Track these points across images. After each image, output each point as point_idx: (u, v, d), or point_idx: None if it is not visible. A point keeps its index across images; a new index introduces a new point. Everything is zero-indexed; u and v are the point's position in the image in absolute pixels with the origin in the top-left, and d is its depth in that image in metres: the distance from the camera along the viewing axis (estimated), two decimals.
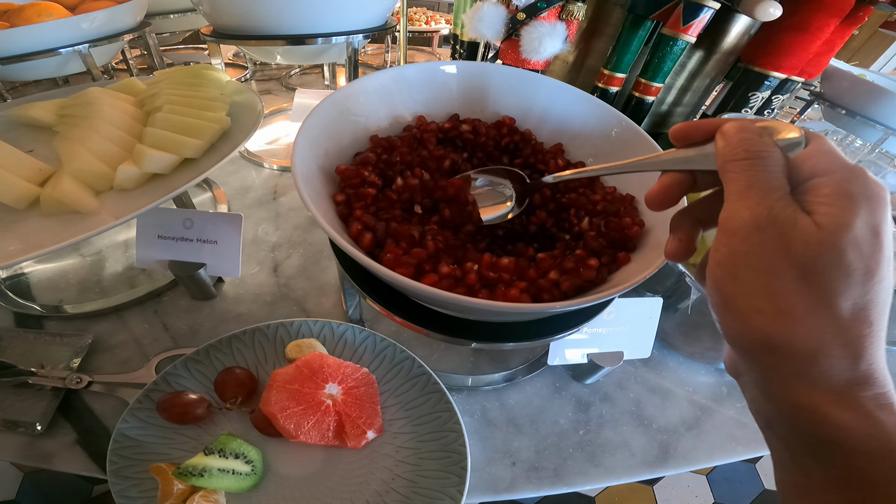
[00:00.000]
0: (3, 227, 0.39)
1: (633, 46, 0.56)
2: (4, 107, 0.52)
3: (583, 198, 0.43)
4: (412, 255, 0.33)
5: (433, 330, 0.36)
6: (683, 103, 0.68)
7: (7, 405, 0.44)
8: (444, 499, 0.37)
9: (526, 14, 0.57)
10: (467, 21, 0.61)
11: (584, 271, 0.35)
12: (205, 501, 0.36)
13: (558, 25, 0.55)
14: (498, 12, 0.59)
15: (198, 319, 0.51)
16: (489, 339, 0.36)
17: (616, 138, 0.46)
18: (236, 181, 0.72)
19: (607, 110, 0.47)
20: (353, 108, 0.43)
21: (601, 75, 0.59)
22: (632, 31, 0.55)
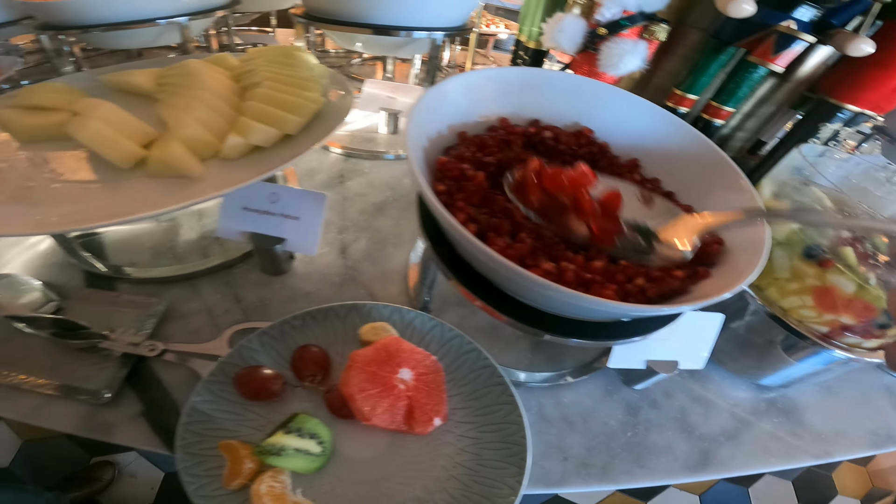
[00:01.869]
0: (110, 185, 0.42)
1: (710, 70, 0.59)
2: (101, 72, 0.56)
3: None
4: (514, 248, 0.36)
5: (519, 320, 0.39)
6: (745, 128, 0.71)
7: (70, 370, 0.45)
8: (502, 488, 0.39)
9: (607, 30, 0.60)
10: (547, 30, 0.64)
11: (670, 280, 0.38)
12: (273, 481, 0.37)
13: (640, 44, 0.58)
14: (578, 25, 0.62)
15: (268, 294, 0.53)
16: (568, 334, 0.39)
17: (695, 160, 0.48)
18: (303, 163, 0.76)
19: (690, 132, 0.49)
20: (450, 102, 0.46)
21: (672, 95, 0.63)
22: (712, 55, 0.58)
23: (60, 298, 0.50)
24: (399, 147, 0.83)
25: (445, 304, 0.56)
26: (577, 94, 0.53)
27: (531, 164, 0.40)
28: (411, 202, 0.72)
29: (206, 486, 0.37)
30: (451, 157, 0.44)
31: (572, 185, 0.38)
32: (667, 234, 0.38)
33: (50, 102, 0.48)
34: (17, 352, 0.46)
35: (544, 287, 0.31)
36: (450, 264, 0.41)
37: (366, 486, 0.39)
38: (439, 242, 0.42)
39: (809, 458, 0.50)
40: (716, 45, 0.57)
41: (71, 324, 0.46)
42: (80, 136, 0.41)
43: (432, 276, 0.47)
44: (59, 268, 0.54)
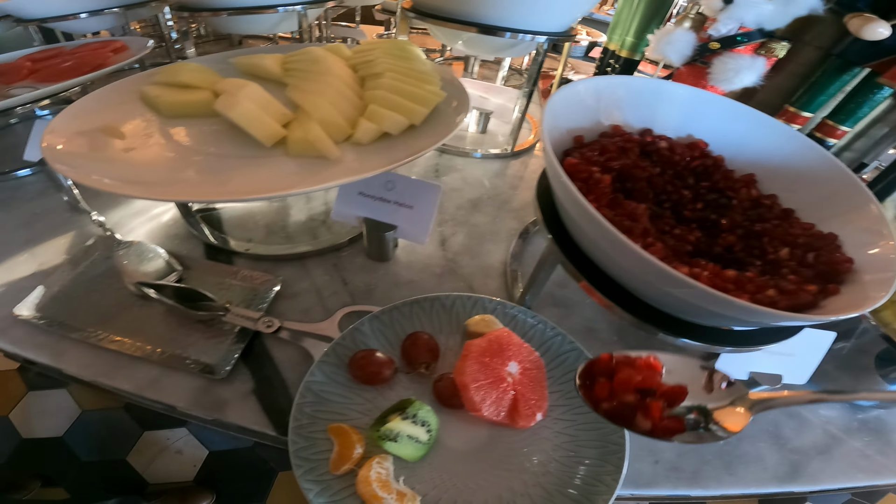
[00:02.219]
0: (253, 161, 0.46)
1: (831, 89, 0.58)
2: (230, 55, 0.60)
3: (780, 229, 0.46)
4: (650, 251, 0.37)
5: (643, 320, 0.39)
6: (853, 148, 0.68)
7: (189, 342, 0.47)
8: (598, 486, 0.40)
9: (720, 44, 0.61)
10: (653, 41, 0.65)
11: (803, 294, 0.37)
12: (379, 468, 0.37)
13: (759, 60, 0.58)
14: (688, 38, 0.62)
15: (374, 279, 0.56)
16: (689, 336, 0.40)
17: (819, 179, 0.48)
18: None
19: (816, 150, 0.48)
20: (575, 104, 0.48)
21: (784, 111, 0.62)
22: (835, 75, 0.57)
23: (183, 269, 0.54)
24: (487, 146, 0.85)
25: (543, 304, 0.57)
26: (692, 107, 0.53)
27: (602, 360, 0.38)
28: (505, 201, 0.74)
29: (315, 469, 0.38)
30: (579, 160, 0.45)
31: (642, 383, 0.37)
32: (723, 416, 0.37)
33: (193, 81, 0.52)
34: (137, 321, 0.50)
35: (689, 288, 0.31)
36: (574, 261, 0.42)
37: (463, 478, 0.40)
38: (562, 239, 0.43)
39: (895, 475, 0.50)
40: (840, 64, 0.56)
41: (196, 294, 0.49)
42: (232, 113, 0.44)
43: (545, 275, 0.48)
44: (180, 239, 0.58)
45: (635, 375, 0.37)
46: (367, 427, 0.41)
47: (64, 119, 0.47)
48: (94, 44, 0.78)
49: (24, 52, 0.78)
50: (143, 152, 0.45)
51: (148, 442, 1.31)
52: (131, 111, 0.51)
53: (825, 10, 0.55)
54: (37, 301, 0.50)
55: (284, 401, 0.45)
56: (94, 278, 0.54)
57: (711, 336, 0.40)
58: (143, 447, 1.30)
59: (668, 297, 0.38)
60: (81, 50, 0.75)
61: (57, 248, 0.57)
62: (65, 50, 0.77)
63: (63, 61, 0.72)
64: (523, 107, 0.78)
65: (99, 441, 1.30)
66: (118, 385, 0.45)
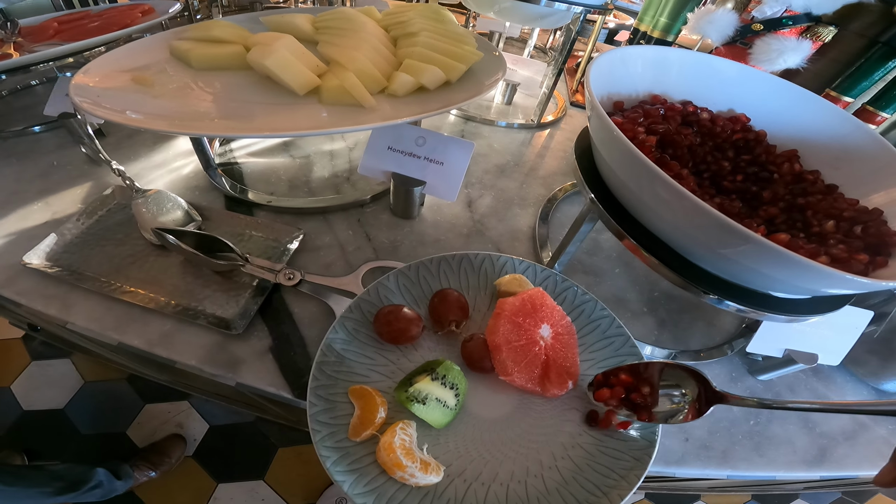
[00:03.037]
0: (286, 108, 0.44)
1: (875, 75, 0.57)
2: (260, 15, 0.59)
3: (824, 203, 0.44)
4: None
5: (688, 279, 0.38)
6: (889, 136, 0.67)
7: (205, 295, 0.45)
8: (629, 461, 0.38)
9: (764, 26, 0.59)
10: (693, 20, 0.63)
11: (854, 264, 0.36)
12: (403, 434, 0.34)
13: (804, 43, 0.57)
14: (730, 18, 0.61)
15: (398, 236, 0.54)
16: (733, 298, 0.38)
17: (864, 157, 0.46)
18: (426, 121, 0.76)
19: (861, 128, 0.47)
20: (620, 69, 0.46)
21: (826, 95, 0.60)
22: (879, 62, 0.56)
23: (202, 219, 0.52)
24: (512, 118, 0.84)
25: (572, 270, 0.55)
26: (738, 83, 0.52)
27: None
28: (533, 168, 0.73)
29: (333, 435, 0.35)
30: (624, 120, 0.43)
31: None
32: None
33: (226, 35, 0.50)
34: (153, 271, 0.48)
35: (751, 243, 0.30)
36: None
37: (490, 448, 0.38)
38: (602, 199, 0.41)
39: None
40: (886, 51, 0.55)
41: (215, 242, 0.47)
42: (268, 61, 0.43)
43: (580, 236, 0.46)
44: (201, 191, 0.56)
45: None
46: (390, 390, 0.39)
47: (95, 65, 0.46)
48: (121, 6, 0.76)
49: (50, 15, 0.77)
50: (171, 97, 0.44)
51: (149, 415, 1.29)
52: (160, 63, 0.50)
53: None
54: (48, 249, 0.49)
55: (303, 360, 0.43)
56: (110, 227, 0.52)
57: (757, 301, 0.38)
58: (143, 420, 1.28)
59: (717, 255, 0.36)
60: (109, 12, 0.74)
61: (73, 197, 0.56)
62: (91, 13, 0.75)
63: (90, 22, 0.71)
64: (552, 82, 0.76)
65: (100, 414, 1.29)
66: (128, 340, 0.42)
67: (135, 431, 1.26)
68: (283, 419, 1.02)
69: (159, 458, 1.17)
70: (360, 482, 0.34)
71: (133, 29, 0.65)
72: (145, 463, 1.14)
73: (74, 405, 1.29)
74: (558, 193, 0.67)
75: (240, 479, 1.21)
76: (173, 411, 1.31)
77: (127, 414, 1.29)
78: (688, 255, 0.38)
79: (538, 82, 0.84)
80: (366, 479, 0.34)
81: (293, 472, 1.23)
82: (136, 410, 1.30)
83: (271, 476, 1.21)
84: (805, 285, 0.35)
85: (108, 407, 1.30)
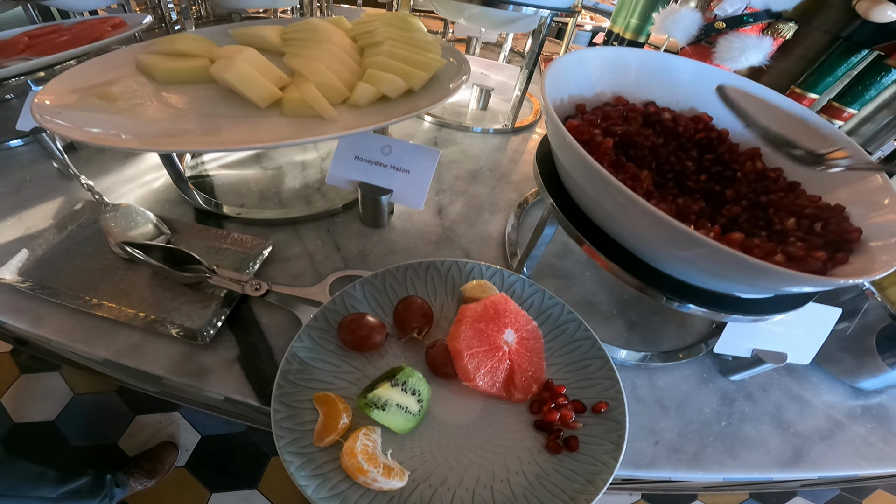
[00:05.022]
0: (248, 121, 0.44)
1: (838, 71, 0.57)
2: (229, 27, 0.59)
3: (785, 200, 0.44)
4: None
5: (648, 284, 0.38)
6: (860, 133, 0.68)
7: (173, 307, 0.45)
8: (597, 465, 0.38)
9: (726, 24, 0.59)
10: (658, 20, 0.64)
11: (812, 261, 0.36)
12: (366, 439, 0.35)
13: (765, 40, 0.57)
14: (694, 17, 0.61)
15: (367, 245, 0.54)
16: (693, 301, 0.38)
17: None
18: (398, 129, 0.78)
19: (822, 124, 0.48)
20: (578, 72, 0.46)
21: (790, 93, 0.61)
22: (842, 57, 0.56)
23: (171, 233, 0.52)
24: (488, 123, 0.84)
25: (541, 275, 0.55)
26: (698, 81, 0.52)
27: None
28: (504, 173, 0.73)
29: (297, 441, 0.36)
30: (581, 122, 0.43)
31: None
32: None
33: (190, 49, 0.50)
34: (122, 284, 0.48)
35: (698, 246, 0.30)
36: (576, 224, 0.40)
37: (455, 453, 0.38)
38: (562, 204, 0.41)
39: None
40: (848, 46, 0.55)
41: (183, 255, 0.47)
42: (228, 75, 0.43)
43: (544, 241, 0.46)
44: (171, 204, 0.56)
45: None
46: (354, 397, 0.39)
47: (58, 82, 0.46)
48: (92, 20, 0.76)
49: (23, 28, 0.77)
50: (134, 112, 0.44)
51: (140, 426, 1.29)
52: (125, 78, 0.50)
53: None
54: (20, 264, 0.49)
55: (270, 369, 0.43)
56: (81, 242, 0.52)
57: (717, 303, 0.38)
58: (134, 431, 1.28)
59: (673, 258, 0.36)
60: (79, 26, 0.74)
61: (44, 213, 0.56)
62: (63, 26, 0.75)
63: (60, 36, 0.71)
64: (524, 84, 0.77)
65: (90, 425, 1.28)
66: (96, 351, 0.43)
67: (126, 442, 1.25)
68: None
69: (152, 465, 1.16)
70: (324, 487, 0.34)
71: (103, 42, 0.65)
72: (140, 471, 1.13)
73: (65, 417, 1.29)
74: (529, 198, 0.67)
75: (233, 488, 1.20)
76: (164, 422, 1.30)
77: (118, 425, 1.28)
78: (647, 259, 0.38)
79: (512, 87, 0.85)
80: (329, 483, 0.34)
81: (287, 481, 1.21)
82: (126, 422, 1.29)
83: (265, 484, 1.21)
84: (759, 284, 0.36)
85: (99, 418, 1.30)
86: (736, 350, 0.48)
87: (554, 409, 0.40)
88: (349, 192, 0.54)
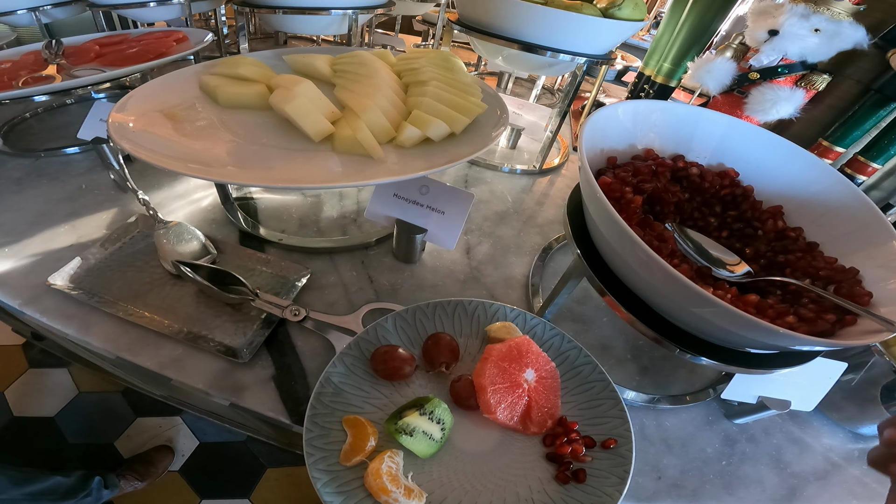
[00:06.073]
0: (303, 155, 0.50)
1: (867, 124, 0.61)
2: (283, 52, 0.66)
3: (802, 261, 0.49)
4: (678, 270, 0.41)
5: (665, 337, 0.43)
6: (881, 187, 0.71)
7: (216, 324, 0.51)
8: (602, 496, 0.42)
9: (760, 75, 0.65)
10: (693, 69, 0.69)
11: (821, 323, 0.41)
12: (391, 462, 0.39)
13: (798, 92, 0.62)
14: (728, 67, 0.67)
15: (399, 280, 0.60)
16: (705, 354, 0.43)
17: (846, 215, 0.51)
18: None
19: (846, 185, 0.51)
20: (613, 125, 0.52)
21: (818, 145, 0.65)
22: (871, 110, 0.60)
23: (217, 252, 0.59)
24: (516, 162, 0.91)
25: (561, 318, 0.61)
26: (728, 136, 0.57)
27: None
28: (531, 216, 0.79)
29: (325, 459, 0.41)
30: (613, 179, 0.49)
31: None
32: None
33: (250, 74, 0.57)
34: (168, 299, 0.54)
35: (713, 306, 0.35)
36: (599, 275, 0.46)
37: (471, 479, 0.43)
38: (588, 255, 0.47)
39: None
40: (878, 99, 0.60)
41: (229, 277, 0.53)
42: (288, 108, 0.49)
43: (569, 288, 0.52)
44: (217, 224, 0.63)
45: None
46: (381, 422, 0.44)
47: (130, 101, 0.52)
48: (158, 33, 0.84)
49: (92, 36, 0.85)
50: (199, 137, 0.50)
51: (139, 428, 1.35)
52: (189, 98, 0.57)
53: (869, 44, 0.60)
54: (72, 272, 0.55)
55: (302, 390, 0.49)
56: (132, 255, 0.59)
57: (727, 357, 0.43)
58: (133, 433, 1.34)
59: (690, 315, 0.41)
60: (146, 38, 0.82)
61: (98, 222, 0.63)
62: (129, 37, 0.84)
63: (129, 47, 0.79)
64: (556, 125, 0.83)
65: (90, 424, 1.35)
66: (141, 361, 0.48)
67: (123, 443, 1.32)
68: (274, 440, 1.08)
69: (146, 467, 1.22)
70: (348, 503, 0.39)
71: (168, 60, 0.73)
72: (132, 473, 1.19)
73: (65, 414, 1.36)
74: (553, 243, 0.72)
75: (225, 496, 1.26)
76: (164, 426, 1.37)
77: (117, 426, 1.35)
78: (664, 313, 0.43)
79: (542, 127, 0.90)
80: (353, 500, 0.39)
81: (280, 494, 1.28)
82: (127, 423, 1.36)
83: (258, 495, 1.26)
84: (767, 342, 0.40)
85: (100, 418, 1.37)
86: (742, 397, 0.52)
87: (566, 443, 0.45)
88: (384, 226, 0.60)
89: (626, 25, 0.65)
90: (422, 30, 1.55)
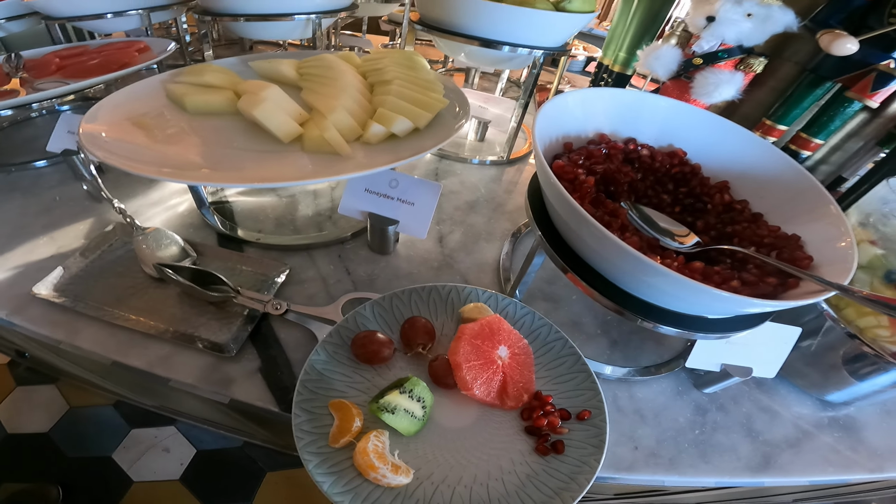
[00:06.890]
0: (273, 156, 0.52)
1: (805, 103, 0.65)
2: (249, 59, 0.67)
3: (748, 230, 0.53)
4: (628, 243, 0.43)
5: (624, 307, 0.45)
6: (830, 161, 0.75)
7: (200, 323, 0.52)
8: (581, 466, 0.44)
9: (703, 60, 0.68)
10: (642, 57, 0.72)
11: (763, 286, 0.44)
12: (377, 440, 0.41)
13: (737, 75, 0.65)
14: (674, 54, 0.70)
15: (375, 270, 0.62)
16: (664, 322, 0.45)
17: (786, 185, 0.54)
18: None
19: (783, 158, 0.55)
20: (566, 113, 0.54)
21: (762, 124, 0.69)
22: (808, 90, 0.64)
23: (197, 255, 0.60)
24: (485, 154, 0.93)
25: (532, 298, 0.63)
26: (673, 118, 0.60)
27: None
28: (500, 204, 0.82)
29: (315, 442, 0.42)
30: (566, 163, 0.52)
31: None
32: None
33: (216, 81, 0.59)
34: (152, 302, 0.55)
35: (660, 275, 0.38)
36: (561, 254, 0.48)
37: (454, 454, 0.45)
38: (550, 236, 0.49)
39: (864, 471, 0.54)
40: (813, 79, 0.64)
41: (211, 276, 0.54)
42: (256, 112, 0.51)
43: (533, 267, 0.54)
44: (194, 228, 0.64)
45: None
46: (365, 404, 0.46)
47: (100, 111, 0.53)
48: (118, 43, 0.84)
49: (51, 48, 0.84)
50: (170, 143, 0.52)
51: (135, 439, 1.35)
52: (158, 107, 0.58)
53: (800, 27, 0.63)
54: (55, 281, 0.56)
55: (288, 379, 0.50)
56: (113, 261, 0.59)
57: (684, 323, 0.45)
58: (130, 444, 1.34)
59: (645, 284, 0.44)
60: (107, 49, 0.82)
61: (76, 233, 0.63)
62: (89, 48, 0.83)
63: (89, 59, 0.78)
64: (519, 117, 0.85)
65: (85, 437, 1.34)
66: (131, 362, 0.49)
67: (120, 455, 1.31)
68: (271, 443, 1.08)
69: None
70: (339, 483, 0.41)
71: (132, 70, 0.73)
72: None
73: (59, 429, 1.35)
74: (522, 227, 0.75)
75: (228, 502, 1.26)
76: (160, 436, 1.37)
77: (113, 438, 1.34)
78: (623, 285, 0.46)
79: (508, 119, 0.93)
80: (344, 479, 0.41)
81: (281, 496, 1.29)
82: (122, 435, 1.35)
83: (260, 500, 1.27)
84: (717, 306, 0.44)
85: (94, 431, 1.36)
86: (706, 365, 0.55)
87: (542, 416, 0.47)
88: (358, 220, 0.62)
89: (577, 17, 0.68)
90: (389, 30, 1.56)
